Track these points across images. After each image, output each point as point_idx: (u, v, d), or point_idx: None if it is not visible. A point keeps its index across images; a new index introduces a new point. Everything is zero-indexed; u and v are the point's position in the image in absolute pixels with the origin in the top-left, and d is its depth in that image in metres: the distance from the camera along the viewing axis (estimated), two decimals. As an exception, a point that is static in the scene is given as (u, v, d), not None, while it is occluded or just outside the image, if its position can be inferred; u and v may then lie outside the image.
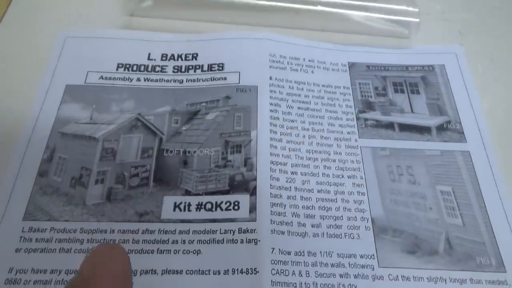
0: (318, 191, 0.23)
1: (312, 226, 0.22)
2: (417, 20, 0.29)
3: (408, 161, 0.25)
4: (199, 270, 0.20)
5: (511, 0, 0.33)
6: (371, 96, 0.27)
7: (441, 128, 0.26)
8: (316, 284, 0.20)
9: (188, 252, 0.20)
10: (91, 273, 0.15)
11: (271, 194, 0.22)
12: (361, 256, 0.21)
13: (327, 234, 0.22)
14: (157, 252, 0.20)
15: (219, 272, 0.20)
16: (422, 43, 0.30)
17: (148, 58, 0.28)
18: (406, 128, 0.26)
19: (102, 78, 0.26)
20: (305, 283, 0.20)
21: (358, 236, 0.22)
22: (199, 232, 0.21)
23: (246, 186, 0.23)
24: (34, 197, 0.22)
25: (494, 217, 0.23)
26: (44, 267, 0.19)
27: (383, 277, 0.21)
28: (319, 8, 0.29)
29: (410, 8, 0.29)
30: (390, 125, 0.26)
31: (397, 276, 0.21)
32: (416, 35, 0.30)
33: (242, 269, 0.20)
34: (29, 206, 0.21)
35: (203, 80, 0.27)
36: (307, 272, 0.20)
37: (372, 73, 0.28)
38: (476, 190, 0.24)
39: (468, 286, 0.21)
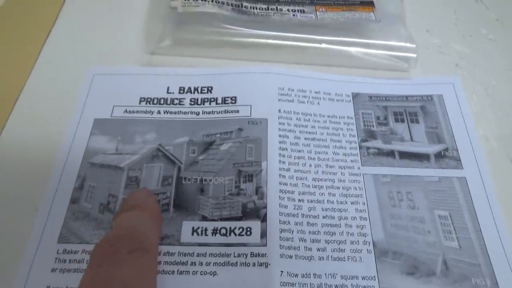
0: (323, 217, 0.25)
1: (318, 250, 0.24)
2: (415, 55, 0.31)
3: (408, 187, 0.26)
4: (215, 290, 0.22)
5: (503, 34, 0.36)
6: (373, 126, 0.29)
7: (439, 156, 0.28)
8: (322, 304, 0.22)
9: (205, 273, 0.23)
10: (135, 202, 0.22)
11: (280, 220, 0.24)
12: (363, 278, 0.23)
13: (331, 257, 0.24)
14: (178, 273, 0.22)
15: (233, 292, 0.22)
16: (421, 75, 0.32)
17: (167, 92, 0.30)
18: (406, 155, 0.28)
19: (127, 112, 0.29)
20: (312, 303, 0.22)
21: (361, 259, 0.24)
22: (215, 255, 0.23)
23: (258, 213, 0.25)
24: (67, 222, 0.24)
25: (489, 240, 0.24)
26: (77, 286, 0.22)
27: (384, 297, 0.22)
28: (324, 45, 0.31)
29: (408, 44, 0.31)
30: (391, 153, 0.28)
31: (397, 296, 0.22)
32: (415, 68, 0.32)
33: (254, 290, 0.22)
34: (63, 230, 0.24)
35: (217, 113, 0.29)
36: (313, 293, 0.22)
37: (374, 104, 0.30)
38: (472, 214, 0.25)
39: (464, 306, 0.22)
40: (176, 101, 0.30)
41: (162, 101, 0.30)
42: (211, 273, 0.23)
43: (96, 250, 0.19)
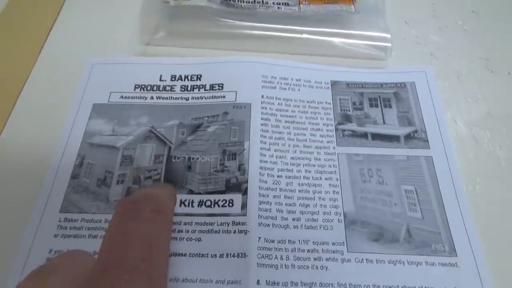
0: (299, 191, 0.27)
1: (293, 219, 0.26)
2: (390, 44, 0.33)
3: (378, 165, 0.29)
4: (199, 254, 0.25)
5: (478, 25, 0.38)
6: (349, 110, 0.32)
7: (408, 137, 0.30)
8: (294, 265, 0.25)
9: (191, 239, 0.25)
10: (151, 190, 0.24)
11: (259, 194, 0.27)
12: (333, 244, 0.25)
13: (305, 226, 0.26)
14: (166, 239, 0.25)
15: (215, 256, 0.25)
16: (399, 64, 0.35)
17: (160, 79, 0.33)
18: (378, 137, 0.30)
19: (122, 97, 0.32)
20: (285, 265, 0.24)
21: (332, 227, 0.26)
22: (200, 224, 0.26)
23: (239, 187, 0.27)
24: (68, 195, 0.27)
25: (450, 212, 0.27)
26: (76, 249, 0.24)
27: (350, 260, 0.25)
28: (305, 36, 0.34)
29: (384, 35, 0.34)
30: (364, 135, 0.30)
31: (362, 259, 0.25)
32: (391, 57, 0.34)
33: (234, 253, 0.25)
34: (64, 201, 0.27)
35: (205, 98, 0.32)
36: (287, 256, 0.25)
37: (351, 90, 0.33)
38: (436, 189, 0.28)
39: (423, 268, 0.25)
40: (167, 88, 0.32)
41: (155, 88, 0.32)
42: (196, 239, 0.25)
43: (120, 207, 0.21)
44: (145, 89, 0.32)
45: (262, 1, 0.36)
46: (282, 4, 0.36)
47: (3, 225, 0.26)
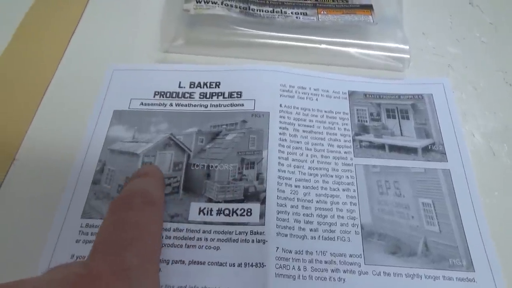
0: (317, 202, 0.28)
1: (311, 230, 0.26)
2: (408, 56, 0.33)
3: (395, 177, 0.29)
4: (218, 262, 0.25)
5: (496, 37, 0.38)
6: (366, 121, 0.32)
7: (426, 149, 0.30)
8: (312, 276, 0.25)
9: (209, 247, 0.25)
10: (143, 171, 0.26)
11: (277, 203, 0.27)
12: (350, 255, 0.26)
13: (322, 237, 0.26)
14: (185, 247, 0.25)
15: (234, 265, 0.25)
16: (415, 75, 0.35)
17: (179, 86, 0.33)
18: (395, 149, 0.30)
19: (142, 104, 0.32)
20: (302, 276, 0.25)
21: (349, 239, 0.26)
22: (219, 232, 0.26)
23: (258, 196, 0.27)
24: (90, 200, 0.27)
25: (467, 226, 0.27)
26: (98, 255, 0.25)
27: (367, 272, 0.25)
28: (323, 46, 0.34)
29: (402, 46, 0.34)
30: (381, 146, 0.30)
31: (380, 272, 0.25)
32: (408, 68, 0.34)
33: (252, 263, 0.25)
34: (86, 207, 0.27)
35: (224, 106, 0.32)
36: (305, 267, 0.25)
37: (369, 101, 0.33)
38: (453, 203, 0.28)
39: (441, 282, 0.25)
40: (187, 95, 0.33)
41: (174, 95, 0.33)
42: (214, 247, 0.25)
43: (113, 203, 0.23)
44: (164, 96, 0.33)
45: (281, 11, 0.36)
46: (301, 14, 0.36)
47: (27, 230, 0.26)
